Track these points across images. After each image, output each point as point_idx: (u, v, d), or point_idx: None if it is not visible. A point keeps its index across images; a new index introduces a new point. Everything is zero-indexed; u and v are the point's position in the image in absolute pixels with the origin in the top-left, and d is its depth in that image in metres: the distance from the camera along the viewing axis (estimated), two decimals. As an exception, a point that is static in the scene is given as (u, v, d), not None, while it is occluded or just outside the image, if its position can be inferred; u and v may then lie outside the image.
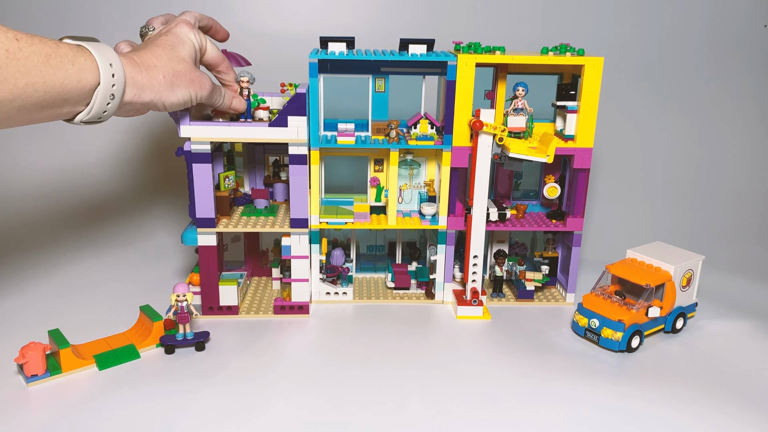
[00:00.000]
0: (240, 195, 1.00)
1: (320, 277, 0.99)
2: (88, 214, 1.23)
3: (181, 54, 0.74)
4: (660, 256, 0.92)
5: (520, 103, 0.92)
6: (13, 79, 0.54)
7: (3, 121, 0.57)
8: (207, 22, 0.84)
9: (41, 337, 0.83)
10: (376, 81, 0.96)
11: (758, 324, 0.95)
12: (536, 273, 1.00)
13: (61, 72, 0.58)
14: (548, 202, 1.06)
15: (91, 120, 0.65)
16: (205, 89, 0.77)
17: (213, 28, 0.86)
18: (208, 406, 0.71)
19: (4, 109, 0.55)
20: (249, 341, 0.86)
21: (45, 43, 0.57)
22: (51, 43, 0.58)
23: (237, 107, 0.86)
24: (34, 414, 0.69)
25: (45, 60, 0.56)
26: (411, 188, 1.03)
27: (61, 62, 0.58)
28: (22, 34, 0.55)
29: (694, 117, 1.37)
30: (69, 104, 0.61)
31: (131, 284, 1.04)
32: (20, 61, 0.54)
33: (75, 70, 0.59)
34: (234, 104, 0.85)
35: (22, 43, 0.54)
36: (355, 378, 0.77)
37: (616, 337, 0.84)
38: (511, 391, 0.75)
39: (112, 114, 0.67)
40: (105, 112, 0.65)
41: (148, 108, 0.72)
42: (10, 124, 0.59)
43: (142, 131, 1.28)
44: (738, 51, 1.36)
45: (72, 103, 0.61)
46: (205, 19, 0.84)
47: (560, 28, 1.30)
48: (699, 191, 1.37)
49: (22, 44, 0.54)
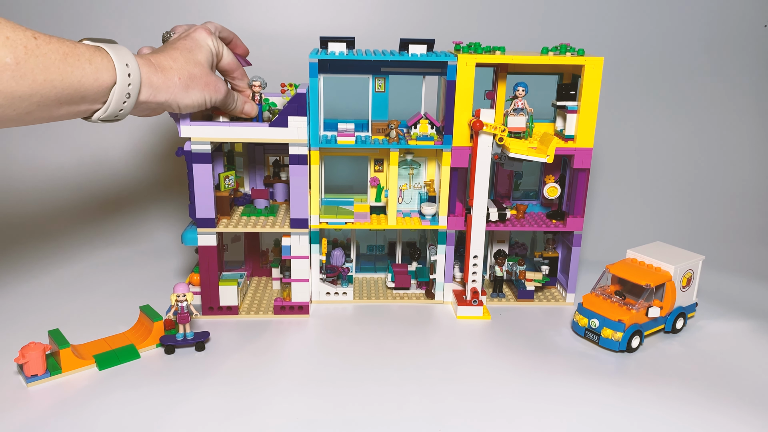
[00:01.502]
0: (240, 195, 1.00)
1: (320, 277, 0.99)
2: (88, 215, 1.23)
3: (198, 58, 0.76)
4: (660, 256, 0.92)
5: (520, 103, 0.92)
6: (32, 74, 0.57)
7: (23, 117, 0.60)
8: (228, 35, 0.87)
9: (41, 337, 0.83)
10: (376, 81, 0.96)
11: (758, 324, 0.95)
12: (536, 273, 1.00)
13: (78, 70, 0.61)
14: (548, 202, 1.06)
15: (108, 118, 0.68)
16: (220, 93, 0.79)
17: (233, 42, 0.89)
18: (208, 406, 0.71)
19: (24, 104, 0.58)
20: (249, 341, 0.86)
21: (63, 42, 0.60)
22: (69, 42, 0.61)
23: (249, 112, 0.88)
24: (34, 414, 0.69)
25: (63, 58, 0.59)
26: (411, 188, 1.03)
27: (79, 61, 0.61)
28: (40, 34, 0.58)
29: (693, 117, 1.37)
30: (86, 102, 0.64)
31: (131, 284, 1.04)
32: (38, 57, 0.57)
33: (92, 69, 0.62)
34: (246, 109, 0.87)
35: (40, 41, 0.58)
36: (355, 378, 0.77)
37: (616, 337, 0.84)
38: (511, 391, 0.75)
39: (129, 113, 0.70)
40: (121, 111, 0.68)
41: (164, 108, 0.75)
42: (31, 120, 0.62)
43: (142, 131, 1.28)
44: (738, 51, 1.36)
45: (89, 101, 0.64)
46: (226, 31, 0.86)
47: (560, 28, 1.30)
48: (699, 191, 1.37)
49: (40, 42, 0.57)
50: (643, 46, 1.33)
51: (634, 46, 1.33)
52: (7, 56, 0.55)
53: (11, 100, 0.57)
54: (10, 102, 0.57)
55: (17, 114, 0.59)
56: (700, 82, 1.36)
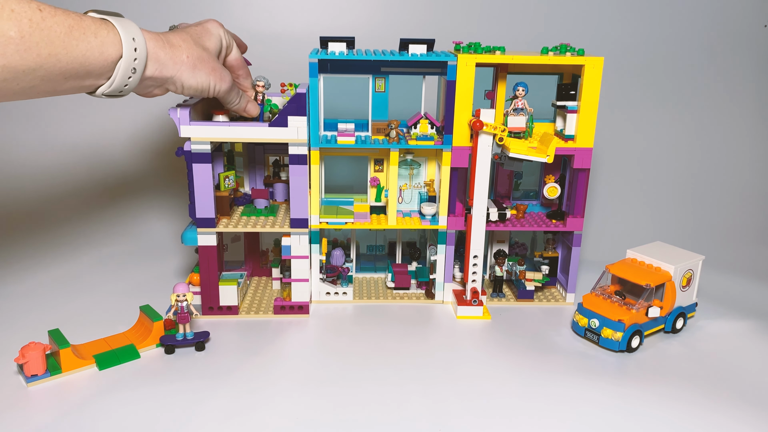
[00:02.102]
0: (240, 195, 1.00)
1: (320, 277, 0.99)
2: (88, 215, 1.23)
3: (207, 44, 0.76)
4: (660, 256, 0.92)
5: (520, 103, 0.92)
6: (37, 48, 0.56)
7: (27, 91, 0.59)
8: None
9: (41, 337, 0.83)
10: (376, 81, 0.96)
11: (758, 324, 0.95)
12: (536, 273, 1.00)
13: (83, 43, 0.60)
14: (548, 202, 1.06)
15: (112, 93, 0.67)
16: (225, 83, 0.78)
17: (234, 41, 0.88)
18: (208, 406, 0.71)
19: (28, 78, 0.57)
20: (249, 341, 0.86)
21: (68, 14, 0.59)
22: (74, 15, 0.60)
23: (251, 111, 0.88)
24: (34, 414, 0.69)
25: (68, 31, 0.58)
26: (411, 188, 1.03)
27: (84, 34, 0.60)
28: (45, 5, 0.57)
29: (694, 117, 1.37)
30: (91, 76, 0.63)
31: (131, 284, 1.04)
32: (43, 30, 0.56)
33: (97, 42, 0.61)
34: (248, 108, 0.87)
35: (45, 14, 0.56)
36: (355, 378, 0.77)
37: (616, 337, 0.84)
38: (511, 391, 0.75)
39: (133, 88, 0.68)
40: (126, 86, 0.67)
41: (167, 86, 0.73)
42: (35, 94, 0.61)
43: (141, 131, 1.28)
44: (738, 51, 1.36)
45: (94, 76, 0.63)
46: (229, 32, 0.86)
47: (560, 28, 1.30)
48: (699, 191, 1.37)
49: (45, 14, 0.56)
50: (643, 46, 1.33)
51: (634, 46, 1.33)
52: (11, 29, 0.54)
53: (15, 74, 0.56)
54: (14, 76, 0.56)
55: (21, 88, 0.58)
56: (700, 82, 1.36)
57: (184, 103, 0.87)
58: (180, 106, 0.84)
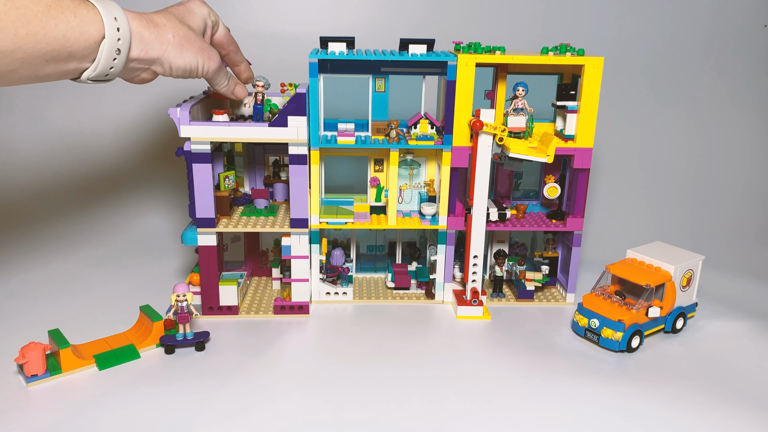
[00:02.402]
0: (240, 195, 1.00)
1: (320, 277, 0.99)
2: (88, 215, 1.23)
3: (191, 23, 0.75)
4: (660, 256, 0.92)
5: (520, 103, 0.92)
6: (13, 27, 0.54)
7: (8, 75, 0.57)
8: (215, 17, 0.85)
9: (41, 337, 0.83)
10: (376, 81, 0.96)
11: (758, 324, 0.95)
12: (536, 273, 1.00)
13: (63, 23, 0.58)
14: (548, 202, 1.06)
15: (97, 77, 0.65)
16: (213, 62, 0.77)
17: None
18: (208, 406, 0.71)
19: (7, 60, 0.56)
20: (249, 341, 0.86)
21: None
22: None
23: (239, 94, 0.87)
24: (34, 414, 0.69)
25: (45, 10, 0.57)
26: (411, 188, 1.03)
27: (63, 13, 0.58)
28: None
29: (694, 117, 1.37)
30: (74, 59, 0.61)
31: (131, 284, 1.04)
32: (19, 9, 0.55)
33: (77, 22, 0.59)
34: (236, 90, 0.86)
35: None
36: (355, 378, 0.77)
37: (616, 337, 0.84)
38: (511, 391, 0.75)
39: (119, 71, 0.67)
40: (112, 69, 0.65)
41: (155, 68, 0.72)
42: (17, 79, 0.59)
43: (141, 130, 1.28)
44: (738, 51, 1.36)
45: (77, 58, 0.61)
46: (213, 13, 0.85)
47: (560, 28, 1.30)
48: (699, 191, 1.37)
49: None
50: (643, 46, 1.33)
51: (634, 46, 1.33)
52: None
53: None
54: None
55: (1, 72, 0.56)
56: (700, 82, 1.36)
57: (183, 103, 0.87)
58: (180, 106, 0.84)
